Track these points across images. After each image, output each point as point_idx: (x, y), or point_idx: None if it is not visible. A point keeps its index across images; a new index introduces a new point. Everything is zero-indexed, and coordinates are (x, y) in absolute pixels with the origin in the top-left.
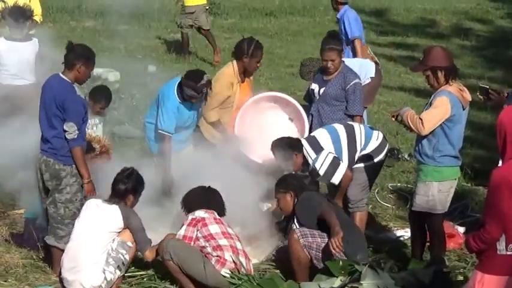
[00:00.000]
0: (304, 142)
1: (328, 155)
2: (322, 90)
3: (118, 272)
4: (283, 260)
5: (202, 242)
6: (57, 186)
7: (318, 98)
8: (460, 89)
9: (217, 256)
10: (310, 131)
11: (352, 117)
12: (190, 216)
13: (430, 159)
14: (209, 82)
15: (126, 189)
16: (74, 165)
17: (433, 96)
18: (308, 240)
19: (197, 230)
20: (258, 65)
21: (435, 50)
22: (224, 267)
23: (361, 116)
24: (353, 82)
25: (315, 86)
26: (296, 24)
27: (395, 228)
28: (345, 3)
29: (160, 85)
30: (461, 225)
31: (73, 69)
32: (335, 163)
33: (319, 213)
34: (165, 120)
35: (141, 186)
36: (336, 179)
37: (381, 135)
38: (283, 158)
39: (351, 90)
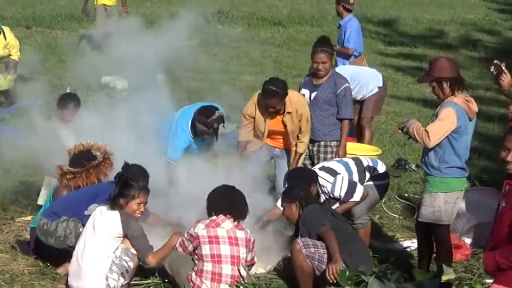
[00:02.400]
0: (319, 172)
1: (343, 178)
2: (313, 95)
3: (122, 280)
4: (289, 269)
5: (195, 261)
6: None
7: (309, 102)
8: (467, 100)
9: (192, 283)
10: None
11: (341, 120)
12: (190, 231)
13: (436, 170)
14: (220, 118)
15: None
16: None
17: (439, 107)
18: (310, 251)
19: (194, 247)
20: (270, 109)
21: (440, 61)
22: None
23: (352, 120)
24: (343, 86)
25: (305, 91)
26: (304, 34)
27: (402, 239)
28: (350, 11)
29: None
30: (468, 236)
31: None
32: (352, 183)
33: (320, 232)
34: (173, 150)
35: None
36: (356, 197)
37: (384, 165)
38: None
39: (342, 95)
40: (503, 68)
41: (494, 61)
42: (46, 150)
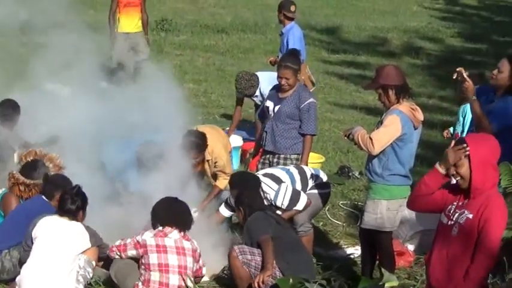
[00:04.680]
0: (262, 178)
1: (287, 187)
2: (277, 108)
3: None
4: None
5: (141, 270)
6: None
7: (272, 115)
8: (412, 109)
9: None
10: (263, 148)
11: (304, 135)
12: (136, 238)
13: (379, 177)
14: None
15: (78, 207)
16: None
17: (384, 114)
18: (247, 258)
19: (139, 255)
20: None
21: (387, 69)
22: None
23: (314, 135)
24: (308, 101)
25: (269, 104)
26: (248, 41)
27: (346, 246)
28: (292, 19)
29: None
30: (411, 243)
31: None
32: (296, 192)
33: (259, 241)
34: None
35: (87, 202)
36: (300, 206)
37: (325, 175)
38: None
39: (305, 109)
40: (465, 75)
41: (457, 69)
42: None
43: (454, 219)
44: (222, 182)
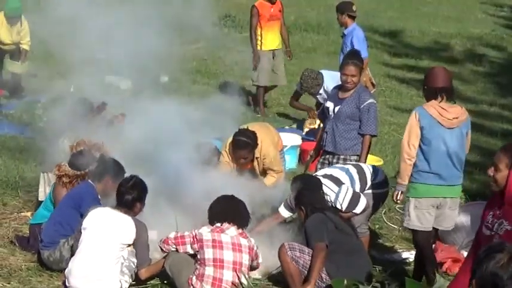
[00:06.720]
0: (323, 180)
1: (348, 189)
2: (337, 108)
3: (130, 281)
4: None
5: (197, 265)
6: None
7: (332, 115)
8: (442, 107)
9: (192, 287)
10: (323, 148)
11: (363, 135)
12: (194, 232)
13: (411, 176)
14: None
15: (133, 198)
16: None
17: None
18: (296, 255)
19: (195, 250)
20: (241, 161)
21: (428, 71)
22: None
23: (374, 136)
24: (368, 102)
25: (330, 104)
26: (310, 41)
27: (401, 250)
28: (354, 18)
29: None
30: (467, 250)
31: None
32: (356, 195)
33: (313, 247)
34: None
35: (145, 192)
36: (358, 209)
37: (383, 173)
38: None
39: (365, 109)
40: None
41: None
42: (46, 148)
43: (494, 229)
44: (269, 179)
